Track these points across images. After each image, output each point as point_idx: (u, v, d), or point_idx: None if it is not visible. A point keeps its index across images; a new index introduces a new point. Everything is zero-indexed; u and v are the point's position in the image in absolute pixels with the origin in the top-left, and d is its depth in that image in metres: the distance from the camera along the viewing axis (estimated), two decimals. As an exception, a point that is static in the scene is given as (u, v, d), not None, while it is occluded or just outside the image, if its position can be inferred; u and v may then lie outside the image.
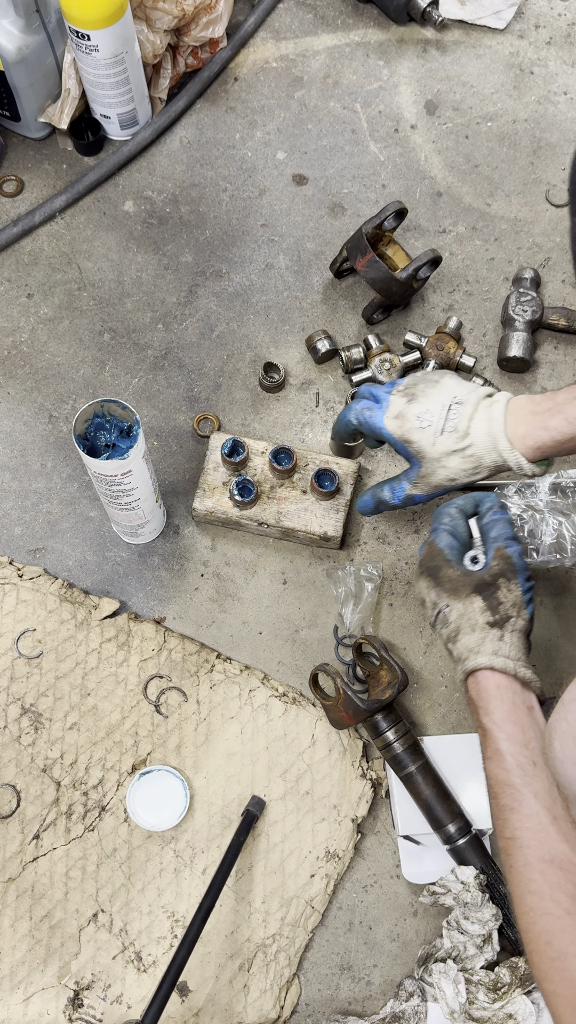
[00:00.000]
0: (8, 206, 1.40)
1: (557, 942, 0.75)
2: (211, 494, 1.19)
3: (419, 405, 1.03)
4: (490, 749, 0.87)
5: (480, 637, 0.91)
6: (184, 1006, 1.04)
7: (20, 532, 1.23)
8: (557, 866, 0.77)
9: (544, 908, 0.76)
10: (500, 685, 0.89)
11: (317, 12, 1.53)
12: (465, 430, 1.01)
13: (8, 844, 1.09)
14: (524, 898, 0.78)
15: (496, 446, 1.00)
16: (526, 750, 0.85)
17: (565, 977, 0.73)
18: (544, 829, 0.80)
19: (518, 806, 0.82)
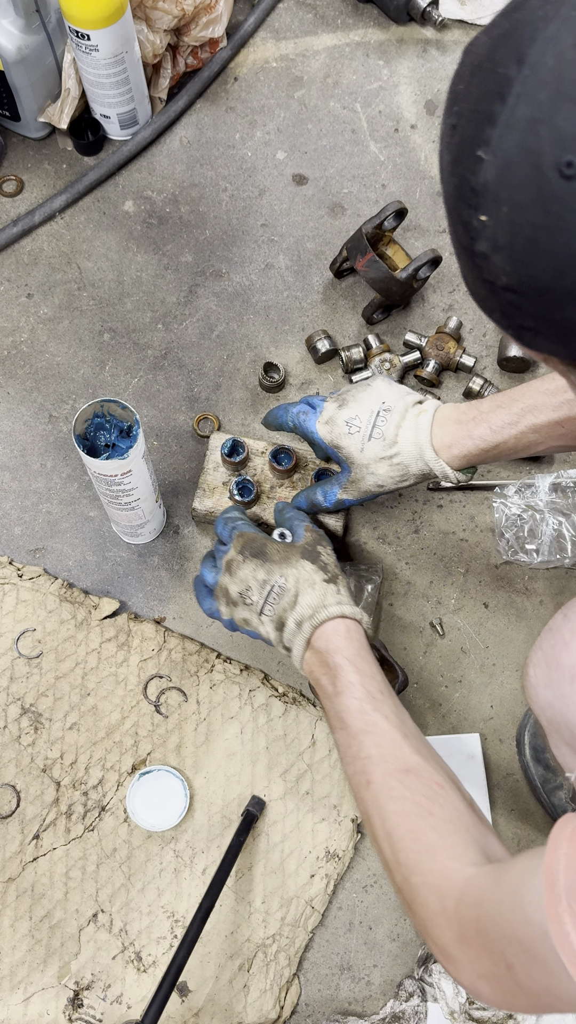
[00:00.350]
0: (8, 206, 1.40)
1: (424, 839, 0.80)
2: (211, 494, 1.19)
3: (349, 410, 1.05)
4: (340, 683, 0.91)
5: (321, 593, 0.96)
6: (184, 1006, 1.04)
7: (20, 532, 1.23)
8: (414, 775, 0.83)
9: (408, 810, 0.82)
10: (349, 628, 0.94)
11: (317, 12, 1.53)
12: (393, 438, 1.03)
13: (8, 844, 1.09)
14: (386, 805, 0.83)
15: (422, 455, 1.02)
16: (374, 681, 0.91)
17: (434, 868, 0.77)
18: (398, 745, 0.86)
19: (372, 728, 0.87)
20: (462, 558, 1.23)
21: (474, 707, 1.17)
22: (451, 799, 0.82)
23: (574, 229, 0.48)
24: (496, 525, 1.22)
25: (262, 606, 0.97)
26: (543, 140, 0.47)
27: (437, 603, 1.21)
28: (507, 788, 1.13)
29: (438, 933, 0.75)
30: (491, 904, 0.70)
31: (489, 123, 0.50)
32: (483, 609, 1.20)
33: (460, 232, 0.54)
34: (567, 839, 0.63)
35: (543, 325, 0.53)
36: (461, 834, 0.80)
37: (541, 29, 0.48)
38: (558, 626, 0.99)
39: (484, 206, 0.51)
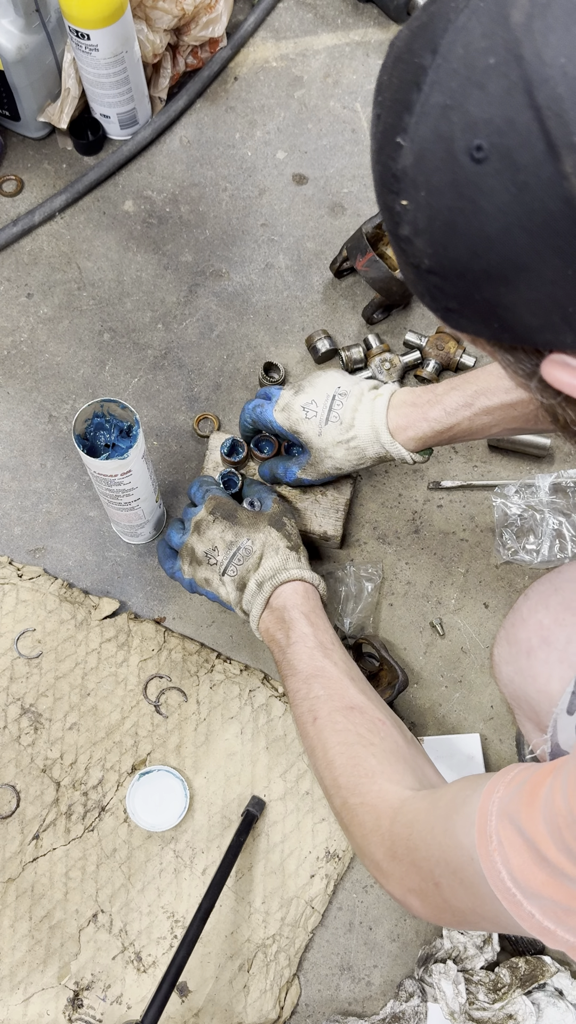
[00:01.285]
0: (8, 206, 1.40)
1: (365, 764, 0.85)
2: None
3: (305, 396, 1.08)
4: (294, 634, 0.97)
5: (284, 557, 1.02)
6: (184, 1006, 1.04)
7: (20, 532, 1.23)
8: (358, 711, 0.89)
9: (350, 740, 0.87)
10: (307, 590, 1.01)
11: (317, 12, 1.53)
12: (350, 421, 1.06)
13: (8, 844, 1.09)
14: (329, 737, 0.88)
15: (378, 438, 1.05)
16: (327, 634, 0.97)
17: (372, 790, 0.82)
18: (345, 686, 0.92)
19: (321, 673, 0.93)
20: (462, 558, 1.23)
21: (474, 707, 1.17)
22: (391, 733, 0.88)
23: (487, 211, 0.49)
24: (496, 525, 1.22)
25: (226, 566, 1.02)
26: (455, 125, 0.49)
27: (437, 603, 1.21)
28: (507, 788, 1.13)
29: (372, 849, 0.79)
30: (423, 825, 0.74)
31: (407, 111, 0.51)
32: (483, 609, 1.20)
33: (386, 218, 0.56)
34: (504, 784, 0.66)
35: (466, 306, 0.54)
36: (400, 763, 0.85)
37: (453, 20, 0.50)
38: (518, 605, 1.03)
39: (405, 191, 0.53)
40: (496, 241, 0.49)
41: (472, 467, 1.26)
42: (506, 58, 0.47)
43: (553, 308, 0.51)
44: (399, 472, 1.26)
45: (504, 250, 0.50)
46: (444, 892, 0.71)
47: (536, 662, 0.95)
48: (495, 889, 0.64)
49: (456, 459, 1.27)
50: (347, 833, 0.84)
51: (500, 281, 0.51)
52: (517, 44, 0.47)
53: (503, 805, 0.65)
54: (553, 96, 0.46)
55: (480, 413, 1.02)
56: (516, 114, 0.47)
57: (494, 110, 0.48)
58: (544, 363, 0.54)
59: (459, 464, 1.27)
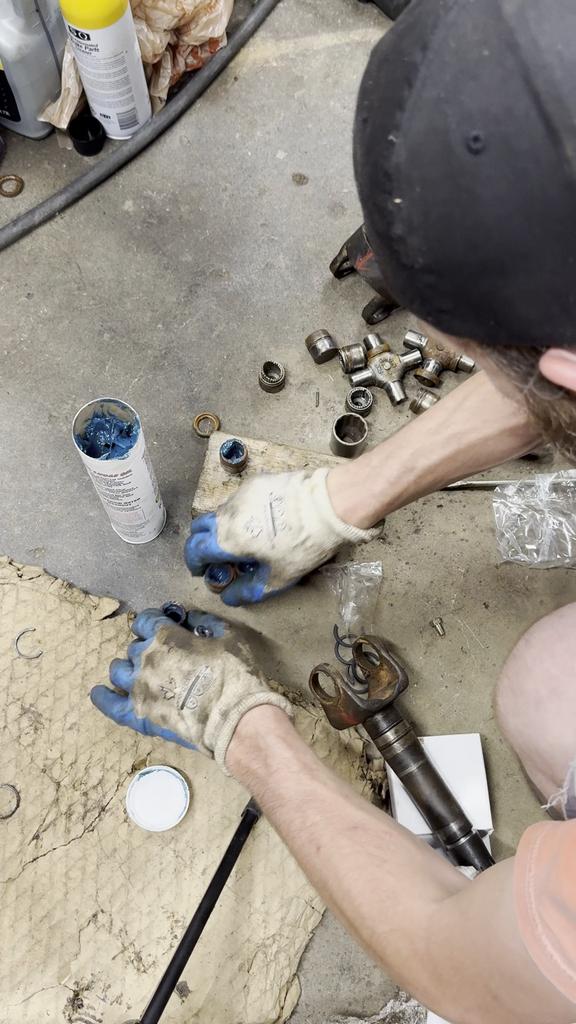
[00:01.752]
0: (8, 206, 1.40)
1: (383, 886, 0.80)
2: (211, 494, 1.19)
3: (242, 516, 1.04)
4: (274, 762, 0.91)
5: (246, 682, 0.98)
6: (184, 1006, 1.04)
7: (20, 532, 1.23)
8: (361, 829, 0.84)
9: (361, 863, 0.82)
10: (276, 713, 0.96)
11: (317, 11, 1.53)
12: (298, 524, 1.02)
13: (8, 844, 1.09)
14: (339, 864, 0.83)
15: (332, 529, 1.02)
16: (307, 754, 0.92)
17: (399, 912, 0.77)
18: (341, 806, 0.87)
19: (313, 797, 0.88)
20: (462, 558, 1.23)
21: (474, 707, 1.17)
22: (401, 844, 0.83)
23: (484, 201, 0.49)
24: (496, 525, 1.22)
25: (185, 698, 0.97)
26: (449, 118, 0.49)
27: (437, 603, 1.21)
28: (507, 788, 1.13)
29: (415, 976, 0.75)
30: (462, 940, 0.69)
31: (398, 108, 0.51)
32: (483, 609, 1.20)
33: (376, 220, 0.55)
34: (534, 860, 0.62)
35: (461, 304, 0.54)
36: (418, 874, 0.80)
37: (442, 16, 0.50)
38: (520, 652, 0.99)
39: (398, 189, 0.52)
40: (494, 231, 0.49)
41: (472, 467, 1.26)
42: (500, 48, 0.47)
43: (553, 298, 0.50)
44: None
45: (502, 239, 0.49)
46: (506, 1003, 0.66)
47: (547, 714, 0.92)
48: (548, 974, 0.59)
49: (456, 459, 1.27)
50: (382, 965, 0.79)
51: (498, 272, 0.50)
52: (511, 33, 0.47)
53: (540, 884, 0.61)
54: (551, 81, 0.46)
55: (424, 474, 1.00)
56: (514, 101, 0.47)
57: (491, 99, 0.47)
58: (543, 359, 0.54)
59: (459, 464, 1.26)
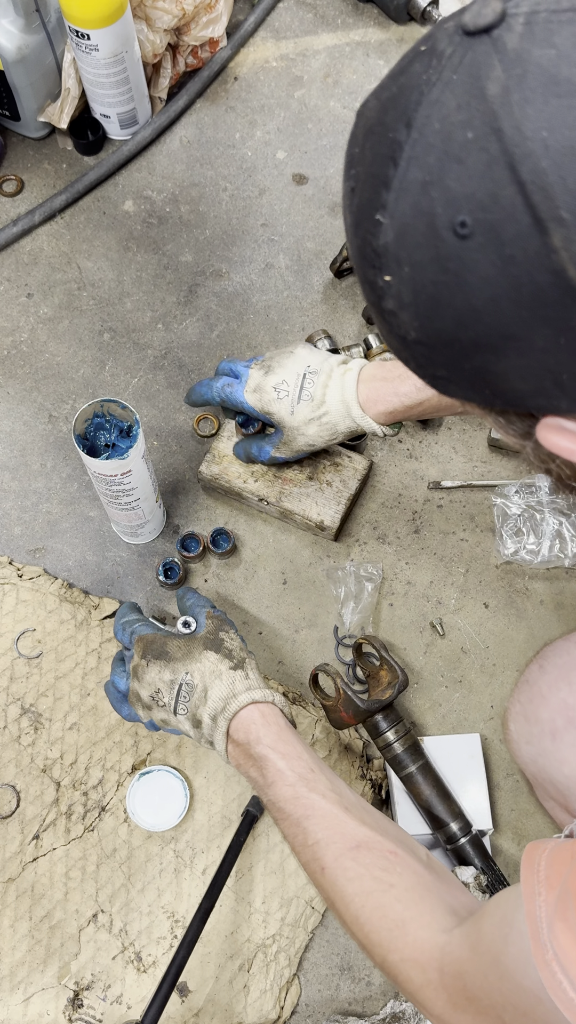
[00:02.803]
0: (8, 206, 1.40)
1: (391, 914, 0.77)
2: (219, 461, 1.20)
3: (275, 376, 1.08)
4: (270, 773, 0.87)
5: (229, 682, 0.93)
6: (184, 1006, 1.04)
7: (20, 532, 1.23)
8: (365, 848, 0.81)
9: (367, 888, 0.79)
10: (264, 713, 0.91)
11: (317, 11, 1.53)
12: (321, 398, 1.07)
13: (8, 844, 1.09)
14: (345, 888, 0.80)
15: (349, 412, 1.06)
16: (301, 761, 0.87)
17: (408, 942, 0.76)
18: (342, 822, 0.83)
19: (312, 812, 0.84)
20: (462, 558, 1.23)
21: (474, 707, 1.17)
22: (407, 864, 0.80)
23: (472, 284, 0.49)
24: (496, 525, 1.22)
25: (174, 705, 0.95)
26: (435, 201, 0.49)
27: (437, 603, 1.21)
28: (507, 788, 1.13)
29: (430, 1004, 0.74)
30: (474, 974, 0.68)
31: (384, 187, 0.51)
32: (483, 609, 1.20)
33: (368, 291, 0.55)
34: (543, 884, 0.61)
35: (455, 374, 0.54)
36: (426, 899, 0.78)
37: (426, 93, 0.49)
38: (534, 678, 0.97)
39: (387, 267, 0.52)
40: (483, 312, 0.49)
41: (472, 467, 1.26)
42: (484, 132, 0.47)
43: (545, 375, 0.50)
44: (399, 472, 1.26)
45: (492, 321, 0.49)
46: None
47: (563, 745, 0.91)
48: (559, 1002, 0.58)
49: (456, 459, 1.27)
50: (398, 987, 0.78)
51: (489, 350, 0.51)
52: (495, 117, 0.46)
53: (551, 910, 0.60)
54: (536, 170, 0.46)
55: None
56: (499, 189, 0.46)
57: (476, 185, 0.47)
58: (539, 427, 0.54)
59: (459, 464, 1.27)
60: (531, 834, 1.11)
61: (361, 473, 1.21)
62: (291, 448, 1.11)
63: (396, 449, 1.27)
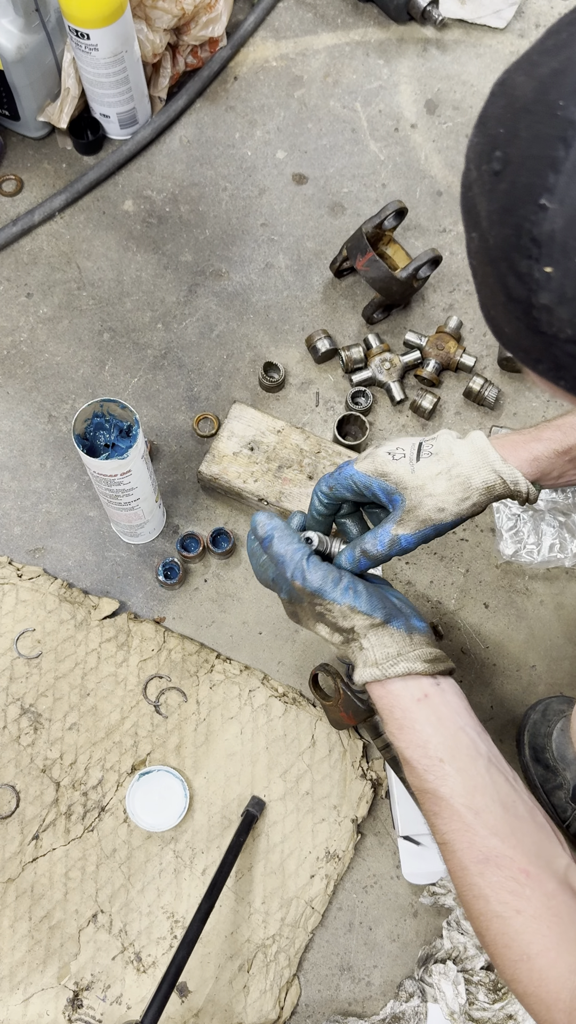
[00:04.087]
0: (8, 205, 1.40)
1: (516, 944, 0.72)
2: (219, 461, 1.20)
3: (387, 446, 0.89)
4: (400, 757, 0.81)
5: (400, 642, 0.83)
6: (184, 1007, 1.04)
7: (20, 532, 1.23)
8: (493, 865, 0.73)
9: (493, 911, 0.73)
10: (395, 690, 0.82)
11: (317, 11, 1.53)
12: (448, 450, 0.86)
13: (7, 844, 1.09)
14: (471, 903, 0.74)
15: (486, 459, 0.84)
16: (427, 749, 0.79)
17: (533, 978, 0.70)
18: (469, 828, 0.75)
19: (439, 810, 0.77)
20: (462, 558, 1.22)
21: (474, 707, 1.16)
22: (539, 885, 0.72)
23: None
24: (496, 525, 1.22)
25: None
26: None
27: (437, 603, 1.21)
28: (507, 788, 1.13)
29: None
30: None
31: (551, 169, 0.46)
32: (483, 609, 1.20)
33: (513, 284, 0.50)
34: None
35: None
36: (554, 929, 0.71)
37: None
38: None
39: (548, 257, 0.48)
40: None
41: (472, 467, 1.26)
42: None
43: None
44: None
45: None
46: None
47: None
48: None
49: (456, 459, 1.27)
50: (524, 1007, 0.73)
51: None
52: None
53: None
54: None
55: None
56: None
57: None
58: None
59: (459, 464, 1.26)
60: (531, 834, 1.11)
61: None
62: (417, 517, 0.84)
63: (396, 449, 1.27)
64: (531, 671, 1.18)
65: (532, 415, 1.29)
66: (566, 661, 1.18)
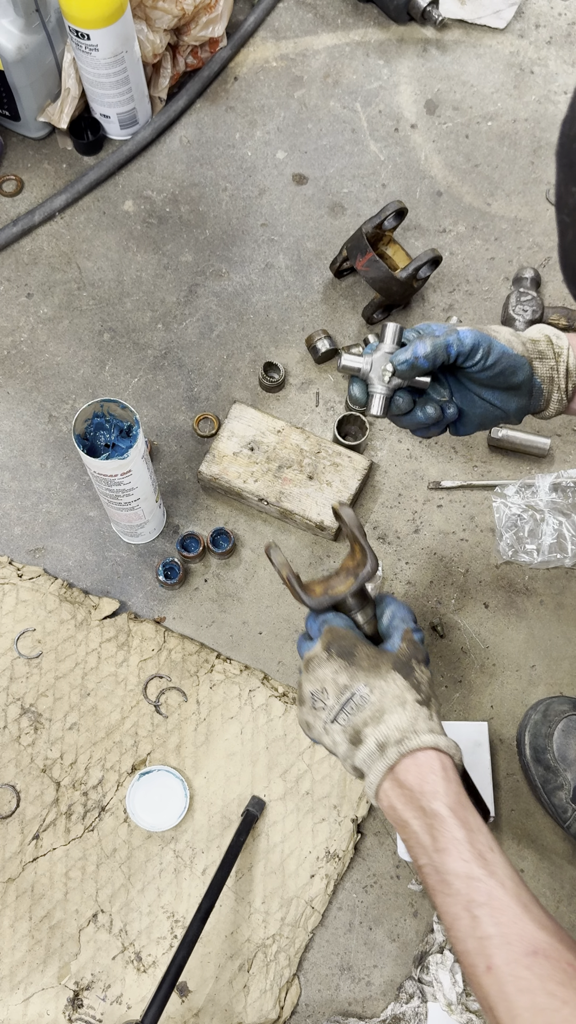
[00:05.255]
0: (8, 206, 1.40)
1: None
2: (219, 461, 1.20)
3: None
4: (444, 838, 0.76)
5: (413, 715, 0.80)
6: (184, 1006, 1.04)
7: (20, 532, 1.23)
8: (543, 956, 0.71)
9: (540, 1004, 0.70)
10: (446, 767, 0.79)
11: (317, 11, 1.53)
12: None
13: (8, 844, 1.09)
14: (515, 1000, 0.71)
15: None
16: (482, 836, 0.76)
17: None
18: (520, 920, 0.72)
19: (488, 900, 0.73)
20: (462, 558, 1.22)
21: (474, 707, 1.17)
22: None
23: None
24: (496, 525, 1.22)
25: (336, 713, 0.82)
26: None
27: (437, 603, 1.21)
28: (507, 788, 1.13)
29: None
30: None
31: None
32: (483, 609, 1.20)
33: None
34: None
35: None
36: None
37: None
38: None
39: None
40: None
41: (472, 467, 1.26)
42: None
43: None
44: (399, 472, 1.26)
45: None
46: None
47: None
48: None
49: (456, 459, 1.27)
50: None
51: None
52: None
53: None
54: None
55: None
56: None
57: None
58: None
59: (459, 464, 1.27)
60: (531, 834, 1.11)
61: (361, 473, 1.21)
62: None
63: (396, 449, 1.27)
64: (531, 671, 1.18)
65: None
66: (566, 661, 1.18)
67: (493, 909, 0.73)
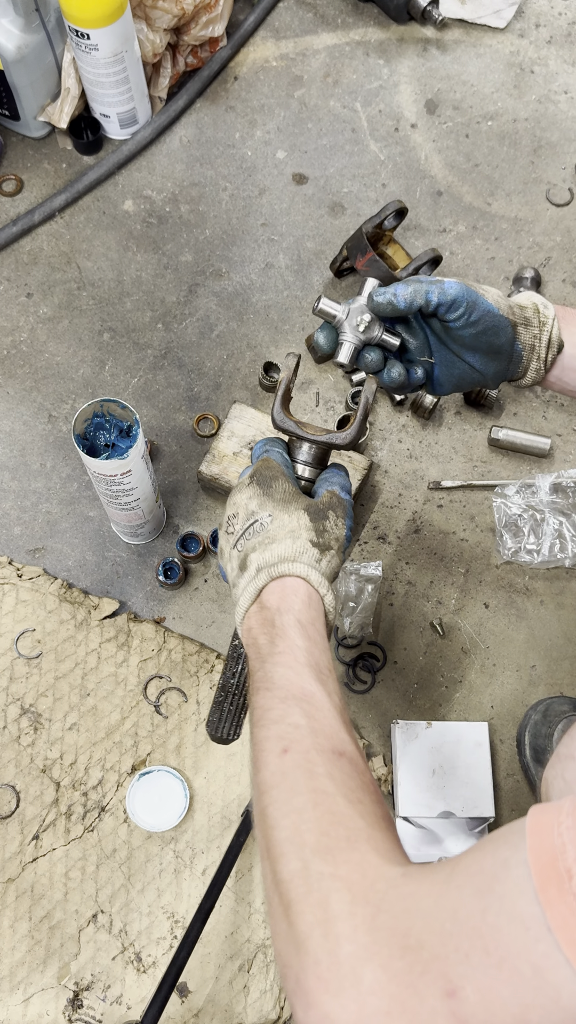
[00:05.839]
0: (8, 205, 1.40)
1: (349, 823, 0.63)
2: (219, 461, 1.20)
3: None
4: (284, 643, 0.74)
5: (300, 548, 0.79)
6: (184, 1007, 1.04)
7: (20, 532, 1.23)
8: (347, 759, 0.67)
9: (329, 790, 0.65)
10: (311, 597, 0.78)
11: (317, 11, 1.52)
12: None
13: (8, 844, 1.09)
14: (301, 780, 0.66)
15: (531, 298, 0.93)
16: (325, 656, 0.75)
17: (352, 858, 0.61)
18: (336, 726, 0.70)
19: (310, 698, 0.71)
20: (462, 558, 1.22)
21: (474, 707, 1.17)
22: (381, 799, 0.67)
23: None
24: (496, 525, 1.22)
25: (239, 537, 0.82)
26: None
27: (437, 603, 1.21)
28: (507, 788, 1.13)
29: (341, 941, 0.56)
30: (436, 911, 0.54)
31: None
32: (483, 609, 1.20)
33: None
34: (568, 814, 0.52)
35: None
36: (389, 831, 0.64)
37: None
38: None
39: None
40: None
41: (472, 467, 1.26)
42: None
43: None
44: (399, 472, 1.26)
45: None
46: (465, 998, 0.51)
47: None
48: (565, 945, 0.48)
49: (456, 459, 1.27)
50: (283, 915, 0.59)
51: None
52: None
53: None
54: None
55: None
56: None
57: None
58: None
59: (459, 464, 1.26)
60: (531, 834, 1.11)
61: (361, 473, 1.21)
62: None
63: (396, 449, 1.27)
64: (531, 671, 1.18)
65: (532, 415, 1.29)
66: (566, 661, 1.18)
67: (311, 706, 0.70)
